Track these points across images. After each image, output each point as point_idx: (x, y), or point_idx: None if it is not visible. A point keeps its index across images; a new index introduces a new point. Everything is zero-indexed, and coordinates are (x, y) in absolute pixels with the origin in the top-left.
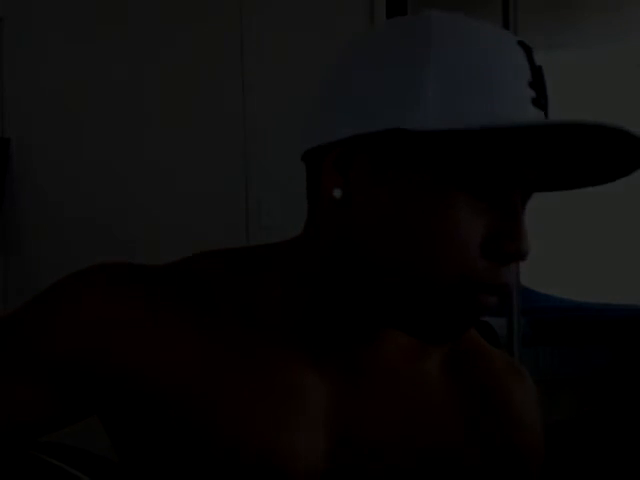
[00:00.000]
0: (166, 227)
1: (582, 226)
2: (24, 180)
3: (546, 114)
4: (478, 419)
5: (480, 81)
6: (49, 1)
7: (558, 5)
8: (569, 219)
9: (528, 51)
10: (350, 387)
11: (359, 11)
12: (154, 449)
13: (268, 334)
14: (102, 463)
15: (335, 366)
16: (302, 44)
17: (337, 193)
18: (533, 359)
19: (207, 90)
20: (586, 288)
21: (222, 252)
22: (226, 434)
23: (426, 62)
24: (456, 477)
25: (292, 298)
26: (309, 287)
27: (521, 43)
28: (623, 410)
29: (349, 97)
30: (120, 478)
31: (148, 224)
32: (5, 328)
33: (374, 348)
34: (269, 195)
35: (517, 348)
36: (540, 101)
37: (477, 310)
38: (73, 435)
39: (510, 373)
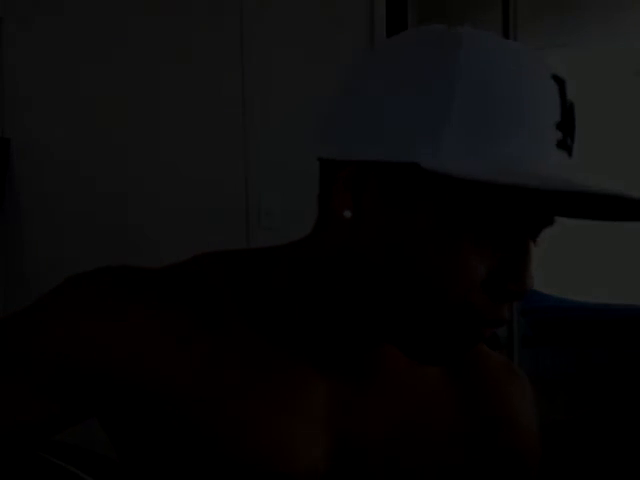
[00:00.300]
0: (166, 227)
1: (582, 226)
2: (24, 180)
3: (570, 153)
4: (476, 420)
5: (506, 121)
6: (49, 1)
7: (558, 5)
8: (568, 219)
9: (561, 85)
10: (351, 388)
11: (359, 10)
12: (155, 450)
13: (270, 335)
14: (104, 463)
15: (336, 367)
16: (302, 45)
17: (347, 214)
18: (533, 359)
19: (207, 90)
20: (586, 288)
21: (224, 254)
22: (227, 434)
23: (452, 95)
24: (455, 477)
25: (295, 301)
26: (312, 292)
27: (555, 77)
28: (622, 410)
29: (368, 116)
30: (122, 478)
31: (148, 224)
32: (7, 329)
33: (375, 350)
34: (269, 195)
35: (517, 348)
36: (566, 142)
37: (473, 340)
38: (73, 435)
39: (507, 374)
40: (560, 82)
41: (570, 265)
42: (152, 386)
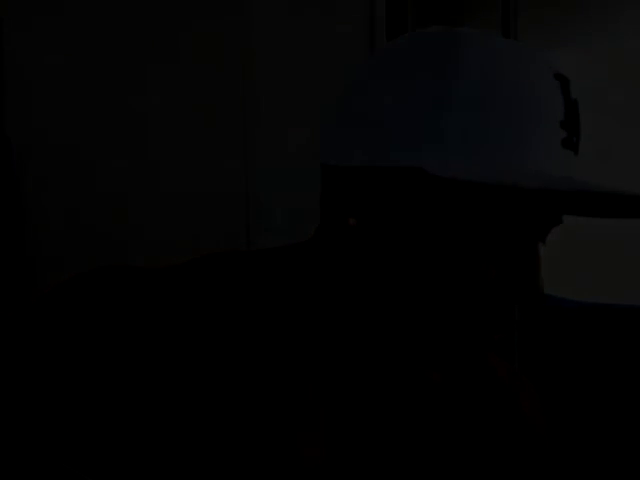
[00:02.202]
0: (167, 227)
1: (582, 226)
2: (24, 180)
3: (576, 152)
4: (482, 424)
5: (508, 123)
6: (49, 1)
7: (558, 5)
8: (569, 218)
9: (564, 83)
10: (353, 388)
11: (359, 10)
12: (157, 447)
13: (272, 336)
14: (104, 463)
15: (338, 367)
16: (302, 45)
17: (352, 221)
18: (534, 359)
19: (208, 90)
20: (586, 288)
21: (225, 255)
22: (228, 432)
23: (452, 99)
24: (456, 477)
25: (299, 301)
26: (317, 297)
27: (557, 75)
28: (623, 410)
29: (370, 124)
30: (120, 477)
31: (149, 224)
32: (6, 329)
33: (378, 350)
34: (269, 195)
35: (517, 348)
36: (571, 140)
37: (482, 345)
38: None
39: (513, 380)
40: (563, 80)
41: (570, 265)
42: (156, 385)
